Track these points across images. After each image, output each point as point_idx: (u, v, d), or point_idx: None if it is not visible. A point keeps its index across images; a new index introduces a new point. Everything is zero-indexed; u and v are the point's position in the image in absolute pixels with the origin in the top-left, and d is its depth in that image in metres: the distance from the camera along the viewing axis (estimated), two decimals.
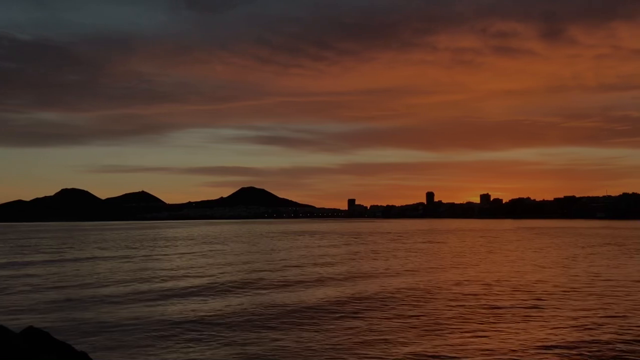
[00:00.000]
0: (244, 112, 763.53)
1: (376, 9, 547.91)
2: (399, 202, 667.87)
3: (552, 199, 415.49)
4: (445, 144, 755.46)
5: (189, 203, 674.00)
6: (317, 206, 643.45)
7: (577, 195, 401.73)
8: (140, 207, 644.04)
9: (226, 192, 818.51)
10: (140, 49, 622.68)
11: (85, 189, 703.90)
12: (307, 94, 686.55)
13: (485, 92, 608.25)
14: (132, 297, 29.25)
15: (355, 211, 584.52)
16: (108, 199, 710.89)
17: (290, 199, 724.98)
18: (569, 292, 29.77)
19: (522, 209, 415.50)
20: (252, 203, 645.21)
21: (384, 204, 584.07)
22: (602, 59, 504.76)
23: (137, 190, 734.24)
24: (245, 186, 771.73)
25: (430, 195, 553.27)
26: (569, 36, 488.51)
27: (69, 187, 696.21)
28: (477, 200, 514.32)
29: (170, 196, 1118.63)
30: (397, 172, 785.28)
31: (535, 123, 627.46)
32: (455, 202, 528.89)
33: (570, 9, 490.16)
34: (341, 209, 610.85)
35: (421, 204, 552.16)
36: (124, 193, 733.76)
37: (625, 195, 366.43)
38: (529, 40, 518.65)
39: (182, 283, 34.63)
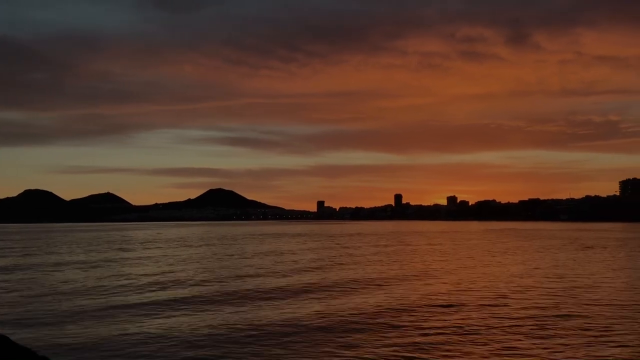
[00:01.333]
0: (212, 113, 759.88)
1: (346, 12, 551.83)
2: (367, 204, 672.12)
3: (517, 202, 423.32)
4: (413, 146, 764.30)
5: (156, 204, 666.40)
6: (286, 208, 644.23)
7: (542, 198, 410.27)
8: (106, 208, 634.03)
9: (194, 193, 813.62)
10: (106, 48, 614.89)
11: (49, 190, 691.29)
12: (277, 95, 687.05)
13: (452, 96, 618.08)
14: (90, 310, 26.86)
15: (324, 213, 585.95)
16: (73, 200, 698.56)
17: (259, 201, 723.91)
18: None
19: (487, 211, 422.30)
20: (221, 205, 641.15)
21: (353, 206, 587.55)
22: (566, 65, 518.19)
23: (102, 192, 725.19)
24: (214, 187, 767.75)
25: (398, 197, 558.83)
26: (534, 42, 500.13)
27: (33, 187, 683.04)
28: (444, 202, 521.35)
29: (137, 197, 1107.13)
30: (366, 174, 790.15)
31: (500, 127, 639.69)
32: (423, 204, 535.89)
33: (535, 15, 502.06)
34: (310, 210, 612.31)
35: (389, 205, 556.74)
36: (89, 194, 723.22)
37: (588, 197, 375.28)
38: (495, 45, 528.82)
39: (147, 295, 31.79)
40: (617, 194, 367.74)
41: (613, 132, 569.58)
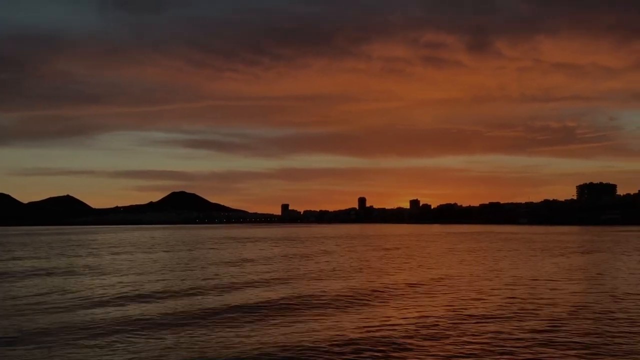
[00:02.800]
0: (175, 115, 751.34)
1: (312, 16, 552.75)
2: (332, 207, 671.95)
3: (478, 205, 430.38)
4: (377, 150, 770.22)
5: (117, 208, 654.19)
6: (250, 211, 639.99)
7: (502, 202, 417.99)
8: (65, 211, 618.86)
9: (156, 196, 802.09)
10: (68, 49, 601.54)
11: (6, 192, 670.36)
12: (241, 98, 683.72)
13: (415, 101, 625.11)
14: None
15: (289, 216, 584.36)
16: (31, 203, 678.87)
17: (222, 204, 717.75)
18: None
19: (449, 214, 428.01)
20: (183, 208, 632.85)
21: (318, 209, 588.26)
22: (525, 72, 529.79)
23: (62, 194, 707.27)
24: (176, 190, 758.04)
25: (362, 201, 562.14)
26: (494, 49, 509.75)
27: None
28: (407, 205, 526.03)
29: (97, 200, 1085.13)
30: (330, 177, 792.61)
31: (462, 131, 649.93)
32: (386, 207, 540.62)
33: (496, 23, 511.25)
34: (275, 214, 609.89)
35: (354, 209, 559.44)
36: (48, 197, 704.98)
37: (546, 201, 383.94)
38: (457, 51, 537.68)
39: (96, 312, 27.66)
40: (574, 197, 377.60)
41: (570, 138, 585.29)
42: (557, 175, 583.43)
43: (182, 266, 51.29)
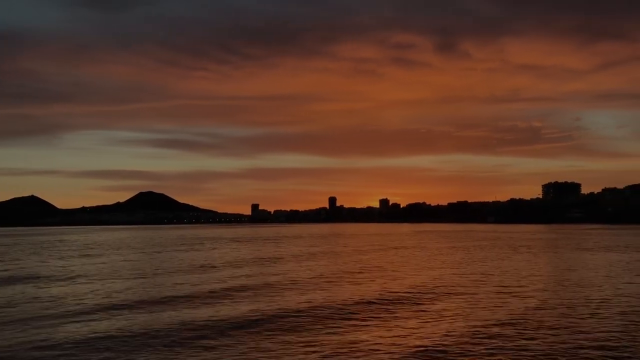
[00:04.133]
0: (143, 115, 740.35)
1: (281, 16, 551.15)
2: (302, 207, 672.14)
3: (446, 204, 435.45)
4: (347, 150, 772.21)
5: (83, 208, 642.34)
6: (219, 211, 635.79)
7: (469, 201, 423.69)
8: (30, 212, 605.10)
9: (123, 196, 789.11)
10: (32, 46, 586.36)
11: None
12: (210, 97, 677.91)
13: (384, 102, 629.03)
14: None
15: (259, 216, 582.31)
16: None
17: (191, 204, 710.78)
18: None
19: (418, 213, 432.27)
20: (151, 208, 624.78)
21: (288, 209, 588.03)
22: (492, 73, 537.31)
23: (26, 195, 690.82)
24: (144, 191, 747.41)
25: (332, 200, 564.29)
26: (462, 50, 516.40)
27: None
28: (376, 205, 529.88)
29: (63, 201, 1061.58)
30: (300, 177, 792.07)
31: (430, 131, 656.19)
32: (356, 206, 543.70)
33: (464, 24, 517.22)
34: (244, 214, 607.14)
35: (324, 208, 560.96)
36: (11, 197, 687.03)
37: (512, 200, 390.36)
38: (426, 52, 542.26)
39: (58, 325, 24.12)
40: (540, 196, 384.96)
41: (536, 138, 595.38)
42: (523, 175, 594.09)
43: (149, 271, 49.35)
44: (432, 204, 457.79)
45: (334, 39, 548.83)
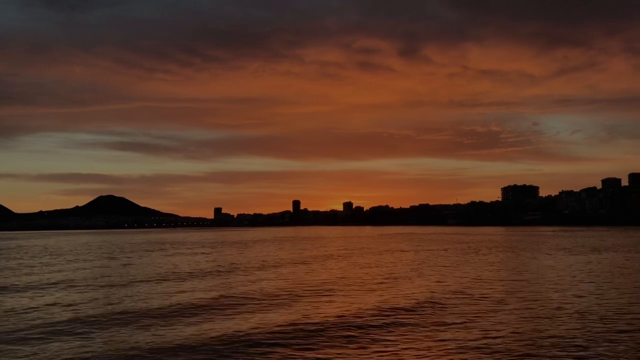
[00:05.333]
0: (103, 117, 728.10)
1: (246, 18, 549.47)
2: (266, 210, 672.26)
3: (409, 207, 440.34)
4: (311, 153, 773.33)
5: (41, 212, 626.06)
6: (181, 215, 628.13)
7: (431, 204, 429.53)
8: None
9: (82, 200, 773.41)
10: None
11: None
12: (172, 99, 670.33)
13: (348, 105, 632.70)
14: None
15: (221, 220, 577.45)
16: None
17: (152, 208, 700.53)
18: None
19: (382, 216, 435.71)
20: (111, 212, 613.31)
21: (251, 212, 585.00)
22: (453, 78, 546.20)
23: None
24: (104, 194, 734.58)
25: (296, 204, 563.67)
26: (425, 55, 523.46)
27: None
28: (340, 208, 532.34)
29: (19, 205, 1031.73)
30: (264, 180, 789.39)
31: (393, 135, 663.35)
32: (320, 209, 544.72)
33: (426, 30, 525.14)
34: (207, 217, 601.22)
35: (288, 212, 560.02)
36: None
37: (473, 203, 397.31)
38: (390, 57, 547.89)
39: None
40: (499, 199, 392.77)
41: (495, 142, 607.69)
42: (483, 178, 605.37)
43: (105, 280, 46.21)
44: (395, 207, 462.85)
45: (299, 42, 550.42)
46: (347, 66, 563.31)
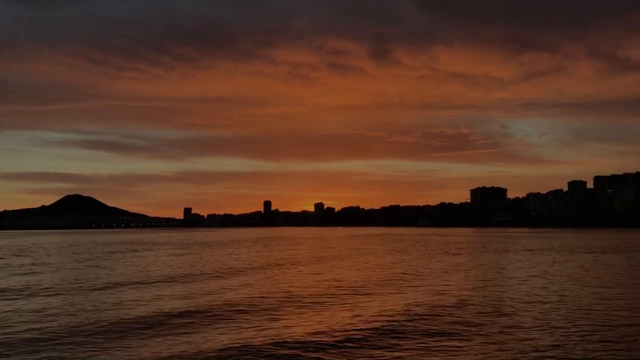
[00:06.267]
0: (71, 115, 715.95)
1: (217, 18, 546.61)
2: (236, 211, 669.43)
3: (379, 208, 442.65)
4: (282, 154, 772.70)
5: (5, 212, 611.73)
6: (150, 215, 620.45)
7: (401, 205, 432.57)
8: None
9: (48, 200, 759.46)
10: None
11: None
12: (142, 98, 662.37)
13: (319, 106, 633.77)
14: None
15: (191, 220, 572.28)
16: None
17: (120, 208, 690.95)
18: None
19: (352, 217, 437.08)
20: (78, 212, 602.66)
21: (222, 213, 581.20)
22: (423, 80, 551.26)
23: None
24: (71, 194, 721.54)
25: (267, 204, 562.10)
26: (395, 58, 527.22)
27: None
28: (311, 208, 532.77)
29: None
30: (235, 181, 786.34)
31: (363, 137, 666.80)
32: (292, 210, 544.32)
33: (397, 33, 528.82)
34: (177, 218, 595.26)
35: (259, 212, 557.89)
36: None
37: (442, 204, 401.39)
38: (360, 59, 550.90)
39: None
40: (468, 201, 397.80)
41: (464, 144, 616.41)
42: (453, 180, 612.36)
43: (70, 286, 43.67)
44: (366, 208, 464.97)
45: (270, 43, 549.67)
46: (319, 67, 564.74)
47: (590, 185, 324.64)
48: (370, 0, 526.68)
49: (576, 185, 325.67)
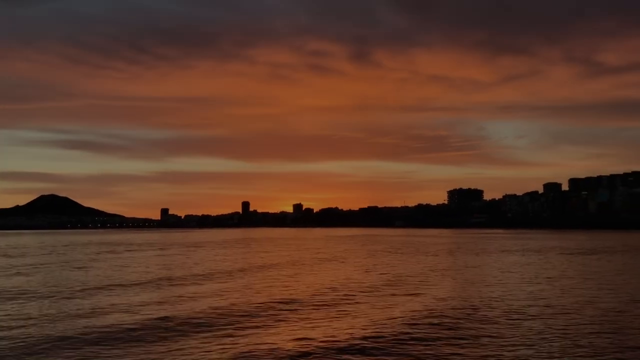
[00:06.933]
0: (46, 114, 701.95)
1: (197, 17, 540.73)
2: (214, 212, 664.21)
3: (358, 209, 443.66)
4: (261, 155, 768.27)
5: None
6: (127, 216, 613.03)
7: (380, 206, 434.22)
8: None
9: (23, 199, 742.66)
10: None
11: None
12: (120, 97, 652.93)
13: (299, 107, 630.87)
14: None
15: (168, 221, 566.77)
16: None
17: (96, 208, 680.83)
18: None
19: (331, 218, 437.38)
20: (53, 212, 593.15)
21: (199, 214, 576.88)
22: (403, 82, 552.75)
23: None
24: (45, 194, 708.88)
25: (245, 205, 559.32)
26: (375, 59, 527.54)
27: None
28: (290, 209, 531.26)
29: None
30: (213, 181, 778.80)
31: (343, 138, 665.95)
32: (270, 211, 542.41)
33: (377, 34, 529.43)
34: (154, 218, 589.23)
35: (237, 213, 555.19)
36: None
37: (420, 205, 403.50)
38: (340, 60, 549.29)
39: None
40: (446, 202, 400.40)
41: (442, 146, 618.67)
42: (430, 181, 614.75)
43: (45, 291, 43.54)
44: (345, 209, 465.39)
45: (250, 43, 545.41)
46: (299, 68, 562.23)
47: (565, 187, 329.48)
48: (351, 2, 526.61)
49: (551, 187, 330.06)
